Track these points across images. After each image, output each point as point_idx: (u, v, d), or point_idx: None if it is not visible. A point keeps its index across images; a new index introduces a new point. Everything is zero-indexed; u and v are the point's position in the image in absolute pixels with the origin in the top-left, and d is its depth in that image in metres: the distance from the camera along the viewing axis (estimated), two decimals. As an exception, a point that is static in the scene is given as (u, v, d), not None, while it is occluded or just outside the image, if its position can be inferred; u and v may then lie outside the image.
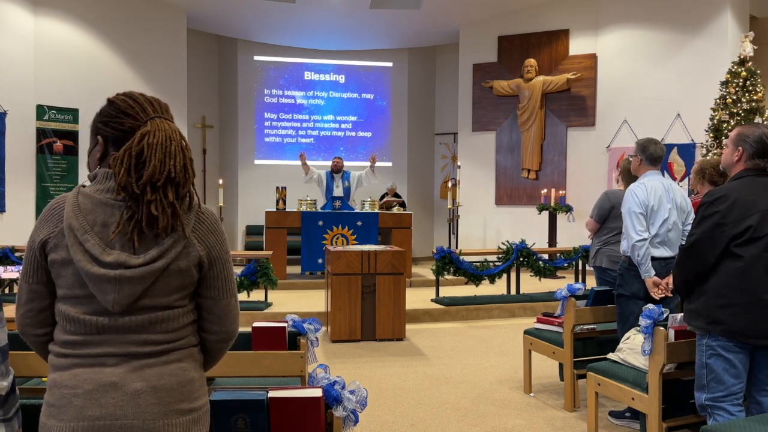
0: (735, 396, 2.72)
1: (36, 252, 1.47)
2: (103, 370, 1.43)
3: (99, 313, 1.44)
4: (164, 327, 1.48)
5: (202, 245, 1.51)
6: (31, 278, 1.49)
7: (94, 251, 1.41)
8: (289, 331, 3.08)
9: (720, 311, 2.69)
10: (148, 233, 1.43)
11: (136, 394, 1.43)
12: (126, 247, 1.43)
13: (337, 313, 6.18)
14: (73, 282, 1.44)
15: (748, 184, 2.74)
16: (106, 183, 1.48)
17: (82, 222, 1.43)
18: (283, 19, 11.14)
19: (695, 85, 9.50)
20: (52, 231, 1.45)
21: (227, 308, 1.58)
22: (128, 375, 1.43)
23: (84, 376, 1.43)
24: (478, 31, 11.52)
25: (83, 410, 1.41)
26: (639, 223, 3.70)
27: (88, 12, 9.69)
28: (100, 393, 1.41)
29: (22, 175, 8.96)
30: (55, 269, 1.46)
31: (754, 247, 2.65)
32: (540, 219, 10.53)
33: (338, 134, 13.06)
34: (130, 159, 1.43)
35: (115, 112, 1.51)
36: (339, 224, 9.16)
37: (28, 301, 1.50)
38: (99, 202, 1.45)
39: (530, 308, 7.67)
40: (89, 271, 1.40)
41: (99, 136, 1.54)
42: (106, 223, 1.43)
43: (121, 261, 1.41)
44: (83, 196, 1.46)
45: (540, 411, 4.21)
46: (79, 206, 1.44)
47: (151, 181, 1.42)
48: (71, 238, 1.42)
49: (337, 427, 2.02)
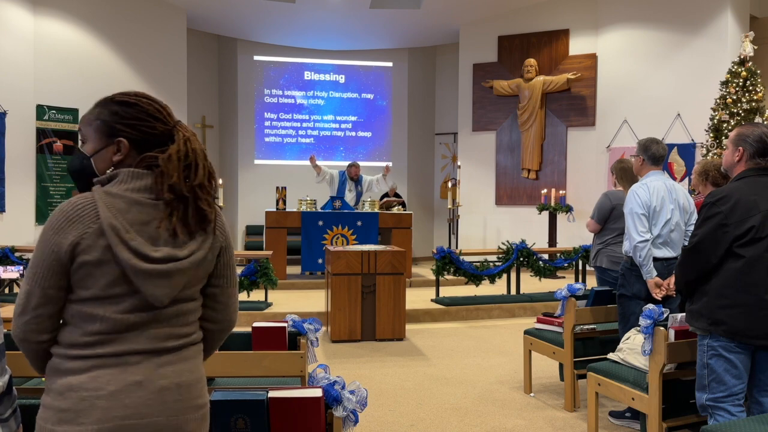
0: (736, 396, 2.72)
1: (62, 255, 1.43)
2: (126, 369, 1.44)
3: (131, 310, 1.46)
4: (185, 320, 1.55)
5: (222, 236, 1.61)
6: (47, 282, 1.44)
7: (142, 248, 1.44)
8: (289, 331, 3.08)
9: (722, 312, 2.69)
10: (186, 229, 1.51)
11: (162, 391, 1.46)
12: (169, 242, 1.49)
13: (337, 313, 6.17)
14: (108, 282, 1.44)
15: (750, 185, 2.74)
16: (134, 183, 1.49)
17: (122, 221, 1.44)
18: (283, 19, 11.14)
19: (695, 85, 9.49)
20: (84, 232, 1.43)
21: (232, 296, 1.67)
22: (152, 373, 1.46)
23: (106, 377, 1.42)
24: (478, 31, 11.51)
25: (108, 411, 1.41)
26: (641, 223, 3.70)
27: (88, 12, 9.69)
28: (125, 393, 1.43)
29: (22, 175, 8.95)
30: (84, 270, 1.43)
31: (756, 247, 2.65)
32: (540, 219, 10.53)
33: (338, 134, 13.06)
34: (179, 162, 1.51)
35: (144, 115, 1.54)
36: (339, 224, 9.16)
37: (38, 306, 1.45)
38: (133, 201, 1.47)
39: (530, 308, 7.67)
40: (140, 267, 1.43)
41: (121, 138, 1.53)
42: (145, 221, 1.47)
43: (171, 255, 1.48)
44: (112, 197, 1.46)
45: (540, 411, 4.21)
46: (114, 206, 1.45)
47: (200, 183, 1.53)
48: (114, 238, 1.42)
49: (337, 427, 2.02)
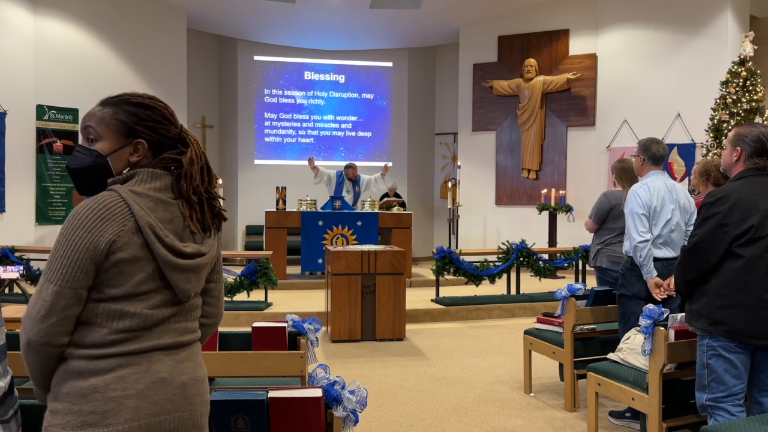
0: (736, 396, 2.72)
1: (98, 254, 1.41)
2: (150, 366, 1.47)
3: (159, 305, 1.50)
4: (196, 314, 1.62)
5: (220, 234, 1.69)
6: (80, 282, 1.41)
7: (176, 245, 1.50)
8: (289, 331, 3.08)
9: (721, 312, 2.69)
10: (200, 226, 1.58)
11: (184, 386, 1.51)
12: (190, 239, 1.56)
13: (337, 313, 6.17)
14: (142, 278, 1.46)
15: (749, 184, 2.74)
16: (155, 182, 1.53)
17: (154, 219, 1.49)
18: (283, 19, 11.14)
19: (695, 85, 9.49)
20: (120, 229, 1.43)
21: (222, 290, 1.75)
22: (174, 368, 1.51)
23: (133, 376, 1.44)
24: (478, 31, 11.51)
25: (139, 410, 1.43)
26: (641, 224, 3.70)
27: (88, 12, 9.69)
28: (152, 390, 1.46)
29: (22, 175, 8.96)
30: (117, 268, 1.43)
31: (755, 247, 2.65)
32: (540, 219, 10.53)
33: (338, 134, 13.06)
34: (201, 165, 1.59)
35: (161, 118, 1.58)
36: (339, 224, 9.16)
37: (66, 308, 1.41)
38: (159, 200, 1.52)
39: (530, 308, 7.67)
40: (176, 263, 1.49)
41: (141, 139, 1.55)
42: (169, 219, 1.52)
43: (198, 250, 1.55)
44: (138, 195, 1.48)
45: (540, 411, 4.21)
46: (143, 204, 1.48)
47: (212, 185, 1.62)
48: (151, 235, 1.46)
49: (337, 427, 2.02)
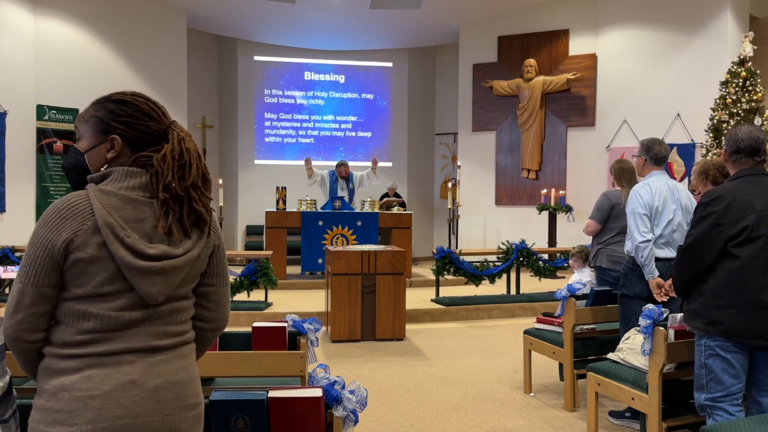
0: (734, 396, 2.72)
1: (56, 253, 1.42)
2: (120, 368, 1.43)
3: (126, 308, 1.46)
4: (179, 318, 1.55)
5: (215, 235, 1.63)
6: (41, 281, 1.43)
7: (138, 246, 1.44)
8: (289, 331, 3.09)
9: (718, 312, 2.69)
10: (181, 227, 1.52)
11: (156, 390, 1.46)
12: (163, 240, 1.50)
13: (337, 313, 6.17)
14: (102, 279, 1.43)
15: (744, 185, 2.75)
16: (128, 181, 1.50)
17: (117, 218, 1.44)
18: (283, 19, 11.14)
19: (695, 85, 9.49)
20: (78, 229, 1.42)
21: (225, 295, 1.68)
22: (147, 371, 1.46)
23: (100, 377, 1.42)
24: (478, 31, 11.51)
25: (102, 411, 1.40)
26: (643, 224, 3.70)
27: (88, 12, 9.69)
28: (119, 392, 1.42)
29: (22, 175, 8.96)
30: (78, 268, 1.43)
31: (751, 247, 2.66)
32: (540, 219, 10.53)
33: (338, 134, 13.06)
34: (173, 162, 1.52)
35: (139, 113, 1.54)
36: (339, 224, 9.16)
37: (31, 305, 1.44)
38: (128, 199, 1.47)
39: (530, 308, 7.67)
40: (135, 265, 1.43)
41: (115, 135, 1.54)
42: (140, 219, 1.48)
43: (166, 252, 1.48)
44: (106, 194, 1.46)
45: (540, 411, 4.21)
46: (109, 204, 1.45)
47: (194, 183, 1.54)
48: (109, 235, 1.42)
49: (337, 427, 2.02)
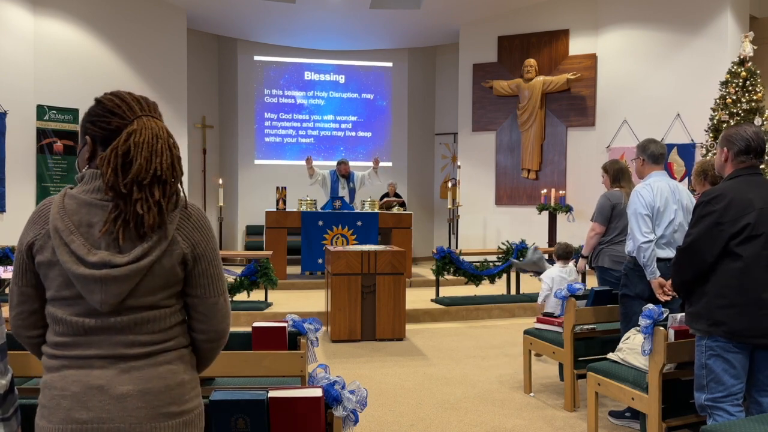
0: (734, 396, 2.72)
1: (24, 254, 1.48)
2: (91, 372, 1.42)
3: (86, 314, 1.43)
4: (151, 327, 1.46)
5: (186, 243, 1.49)
6: (21, 280, 1.50)
7: (80, 252, 1.40)
8: (289, 331, 3.08)
9: (721, 312, 2.69)
10: (135, 232, 1.42)
11: (122, 398, 1.41)
12: (112, 246, 1.42)
13: (337, 313, 6.17)
14: (60, 283, 1.44)
15: (743, 183, 2.76)
16: (92, 183, 1.47)
17: (67, 223, 1.42)
18: (283, 19, 11.14)
19: (695, 85, 9.49)
20: (38, 233, 1.45)
21: (215, 307, 1.55)
22: (115, 378, 1.42)
23: (72, 377, 1.43)
24: (478, 31, 11.51)
25: (71, 412, 1.41)
26: (645, 224, 3.70)
27: (88, 12, 9.69)
28: (88, 396, 1.41)
29: (22, 175, 8.95)
30: (42, 271, 1.46)
31: (753, 245, 2.66)
32: (540, 219, 10.53)
33: (338, 134, 13.06)
34: (116, 158, 1.42)
35: (103, 111, 1.50)
36: (339, 224, 9.16)
37: (19, 304, 1.51)
38: (84, 202, 1.45)
39: (530, 308, 7.66)
40: (76, 272, 1.40)
41: (87, 135, 1.53)
42: (91, 224, 1.43)
43: (105, 260, 1.40)
44: (69, 198, 1.46)
45: (540, 411, 4.21)
46: (64, 207, 1.44)
47: (137, 179, 1.42)
48: (57, 240, 1.41)
49: (337, 427, 2.02)
